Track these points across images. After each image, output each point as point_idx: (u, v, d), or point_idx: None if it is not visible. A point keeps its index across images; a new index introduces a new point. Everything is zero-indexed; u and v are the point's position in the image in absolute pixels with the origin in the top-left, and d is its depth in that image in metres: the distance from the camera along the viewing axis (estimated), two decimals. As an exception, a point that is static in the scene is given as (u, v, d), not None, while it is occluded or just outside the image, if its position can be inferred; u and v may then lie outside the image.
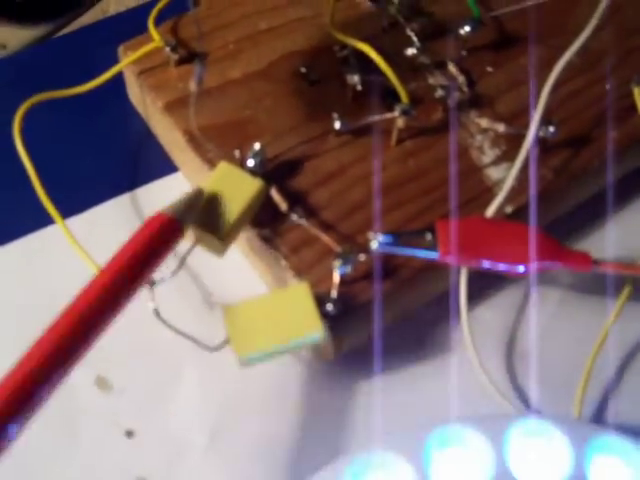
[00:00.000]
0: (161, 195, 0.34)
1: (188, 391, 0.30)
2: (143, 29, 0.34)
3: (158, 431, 0.29)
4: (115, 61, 0.34)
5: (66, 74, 0.34)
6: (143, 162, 0.35)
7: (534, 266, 0.27)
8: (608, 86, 0.34)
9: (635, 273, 0.29)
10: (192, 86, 0.30)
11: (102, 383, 0.30)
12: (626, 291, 0.31)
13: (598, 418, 0.30)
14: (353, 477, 0.26)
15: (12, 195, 0.34)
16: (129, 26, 0.34)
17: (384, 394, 0.30)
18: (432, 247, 0.27)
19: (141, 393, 0.30)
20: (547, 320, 0.32)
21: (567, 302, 0.32)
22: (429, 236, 0.27)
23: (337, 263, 0.27)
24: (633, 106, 0.33)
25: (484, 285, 0.32)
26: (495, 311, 0.32)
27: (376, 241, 0.27)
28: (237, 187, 0.29)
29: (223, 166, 0.29)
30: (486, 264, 0.27)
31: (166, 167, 0.35)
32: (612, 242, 0.32)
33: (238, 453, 0.29)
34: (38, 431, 0.29)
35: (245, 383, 0.30)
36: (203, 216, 0.28)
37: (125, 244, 0.25)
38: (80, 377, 0.30)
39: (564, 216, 0.33)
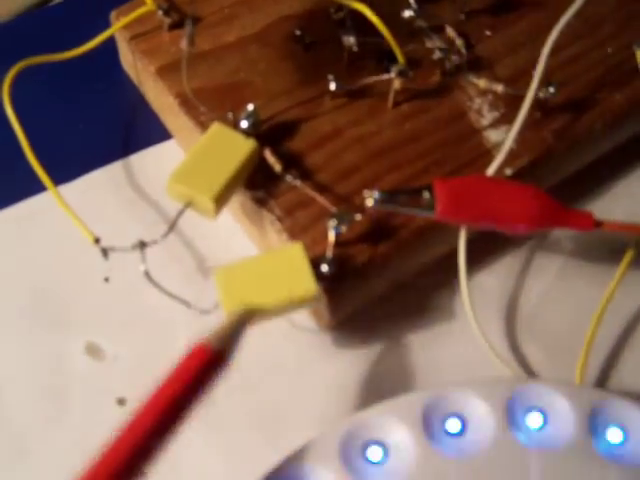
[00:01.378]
0: (154, 162, 0.34)
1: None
2: (137, -5, 0.33)
3: (150, 399, 0.29)
4: (108, 28, 0.33)
5: (58, 41, 0.33)
6: (136, 129, 0.35)
7: (535, 225, 0.27)
8: (610, 50, 0.33)
9: (638, 233, 0.28)
10: (183, 45, 0.30)
11: (93, 350, 0.30)
12: (629, 255, 0.30)
13: (600, 384, 0.29)
14: (350, 443, 0.25)
15: (3, 162, 0.33)
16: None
17: (383, 361, 0.29)
18: (430, 206, 0.26)
19: (133, 360, 0.29)
20: (549, 285, 0.31)
21: (569, 267, 0.31)
22: (427, 195, 0.26)
23: (332, 222, 0.27)
24: (635, 69, 0.33)
25: (484, 251, 0.31)
26: (496, 277, 0.31)
27: (372, 198, 0.26)
28: (230, 148, 0.28)
29: (216, 127, 0.29)
30: (485, 223, 0.27)
31: (159, 134, 0.34)
32: (615, 207, 0.32)
33: (232, 422, 0.28)
34: (29, 399, 0.29)
35: (240, 351, 0.29)
36: (194, 177, 0.27)
37: (168, 379, 0.23)
38: (71, 344, 0.30)
39: (566, 180, 0.33)
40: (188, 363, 0.23)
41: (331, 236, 0.27)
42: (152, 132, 0.34)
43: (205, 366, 0.23)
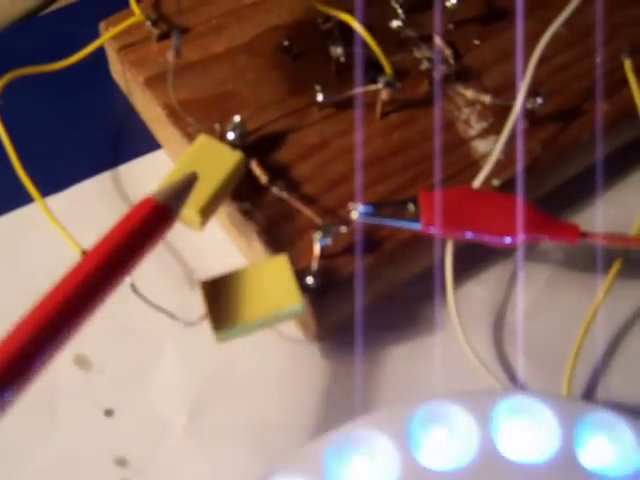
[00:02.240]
0: (143, 173, 0.34)
1: (168, 369, 0.29)
2: (126, 6, 0.33)
3: (138, 410, 0.29)
4: (97, 39, 0.33)
5: (48, 52, 0.33)
6: (125, 139, 0.35)
7: (521, 237, 0.27)
8: (598, 59, 0.33)
9: (624, 244, 0.28)
10: (170, 57, 0.30)
11: (81, 361, 0.30)
12: (616, 266, 0.30)
13: (587, 395, 0.29)
14: (335, 455, 0.25)
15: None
16: (112, 3, 0.34)
17: (368, 372, 0.29)
18: (415, 218, 0.26)
19: (120, 371, 0.29)
20: (536, 296, 0.31)
21: (556, 278, 0.31)
22: (412, 207, 0.26)
23: (317, 235, 0.27)
24: (623, 79, 0.32)
25: (471, 262, 0.31)
26: (482, 287, 0.31)
27: (356, 211, 0.26)
28: (216, 160, 0.28)
29: (202, 139, 0.29)
30: (471, 235, 0.27)
31: (149, 144, 0.34)
32: (602, 217, 0.32)
33: (219, 432, 0.28)
34: (15, 411, 0.29)
35: (227, 362, 0.29)
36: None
37: (111, 230, 0.24)
38: (59, 356, 0.30)
39: (553, 191, 0.32)
40: (134, 213, 0.24)
41: (316, 248, 0.27)
42: (141, 142, 0.34)
43: (150, 216, 0.23)
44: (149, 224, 0.24)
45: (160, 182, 0.28)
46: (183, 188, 0.25)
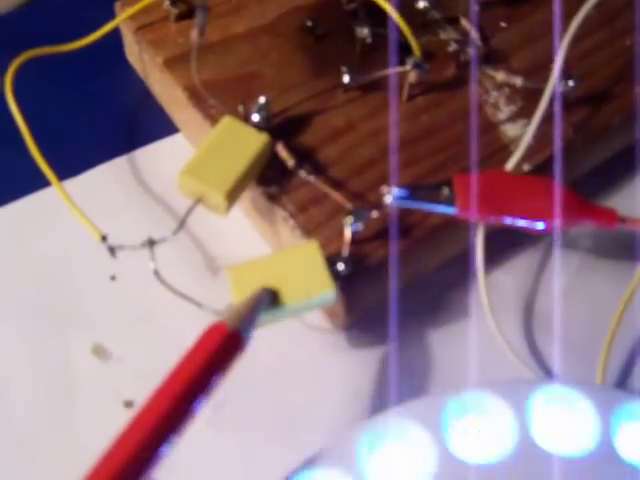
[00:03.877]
0: (160, 157, 0.33)
1: (190, 359, 0.28)
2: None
3: (159, 401, 0.28)
4: (113, 19, 0.32)
5: (61, 33, 0.32)
6: (141, 123, 0.34)
7: (557, 222, 0.26)
8: (628, 42, 0.33)
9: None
10: (193, 37, 0.29)
11: (100, 351, 0.29)
12: (651, 252, 0.29)
13: (621, 383, 0.28)
14: (369, 446, 0.24)
15: (6, 157, 0.32)
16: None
17: (399, 361, 0.29)
18: (450, 202, 0.26)
19: (141, 362, 0.28)
20: (568, 283, 0.30)
21: (588, 265, 0.31)
22: (446, 190, 0.26)
23: (348, 220, 0.26)
24: (655, 62, 0.32)
25: (502, 248, 0.31)
26: (514, 274, 0.30)
27: (390, 195, 0.25)
28: (241, 142, 0.27)
29: (227, 120, 0.28)
30: (507, 220, 0.26)
31: (165, 128, 0.33)
32: (634, 202, 0.31)
33: (244, 425, 0.27)
34: (34, 401, 0.28)
35: (251, 351, 0.28)
36: (206, 171, 0.26)
37: (185, 359, 0.22)
38: (77, 345, 0.29)
39: (586, 175, 0.32)
40: (205, 342, 0.22)
41: (347, 234, 0.26)
42: (158, 126, 0.33)
43: (223, 345, 0.22)
44: (222, 353, 0.22)
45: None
46: (254, 309, 0.23)
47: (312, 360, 0.29)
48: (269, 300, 0.24)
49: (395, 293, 0.27)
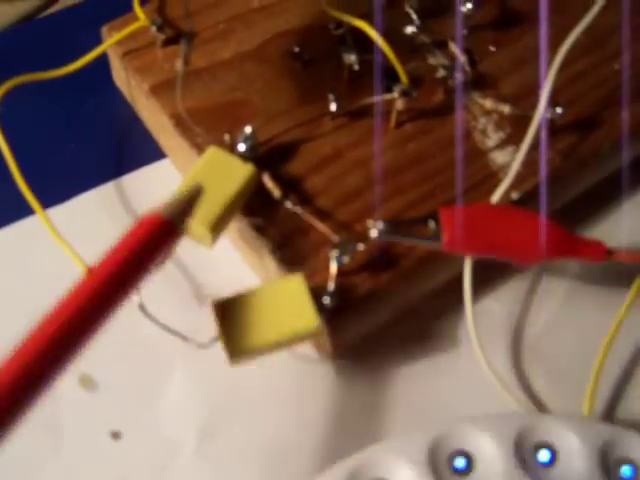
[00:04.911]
0: (148, 183, 0.33)
1: (177, 390, 0.28)
2: (129, 10, 0.32)
3: (145, 432, 0.28)
4: (100, 43, 0.32)
5: (48, 57, 0.32)
6: (129, 148, 0.33)
7: (545, 256, 0.26)
8: (616, 66, 0.32)
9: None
10: (178, 65, 0.29)
11: (86, 382, 0.28)
12: (638, 280, 0.29)
13: (609, 413, 0.28)
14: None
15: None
16: (115, 7, 0.33)
17: (385, 393, 0.28)
18: (435, 236, 0.25)
19: (127, 392, 0.28)
20: (555, 311, 0.30)
21: (576, 293, 0.31)
22: (432, 224, 0.25)
23: (334, 253, 0.26)
24: (643, 86, 0.32)
25: (489, 276, 0.30)
26: (502, 302, 0.30)
27: (375, 229, 0.25)
28: (227, 173, 0.27)
29: (212, 151, 0.28)
30: (493, 254, 0.26)
31: (153, 153, 0.33)
32: (625, 229, 0.31)
33: (230, 456, 0.27)
34: (21, 434, 0.28)
35: (237, 381, 0.28)
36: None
37: (115, 246, 0.22)
38: (63, 376, 0.28)
39: (573, 202, 0.32)
40: (138, 228, 0.22)
41: (333, 267, 0.26)
42: (145, 151, 0.33)
43: (157, 232, 0.22)
44: (153, 240, 0.22)
45: (166, 195, 0.27)
46: (188, 202, 0.24)
47: (298, 390, 0.28)
48: (200, 196, 0.24)
49: (380, 325, 0.27)
